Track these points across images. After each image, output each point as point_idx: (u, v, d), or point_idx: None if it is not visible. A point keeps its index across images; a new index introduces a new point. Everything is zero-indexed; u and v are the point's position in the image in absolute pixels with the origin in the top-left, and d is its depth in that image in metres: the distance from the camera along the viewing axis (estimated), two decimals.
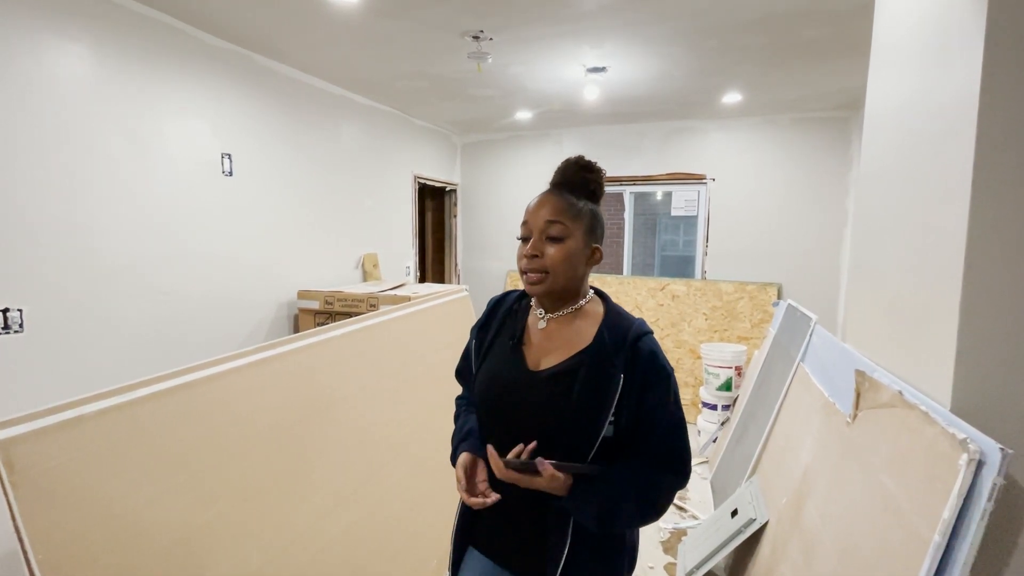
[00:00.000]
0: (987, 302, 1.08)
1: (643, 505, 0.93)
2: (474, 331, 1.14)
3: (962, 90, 1.15)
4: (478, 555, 1.08)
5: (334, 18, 2.43)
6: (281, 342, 1.88)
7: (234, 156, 2.82)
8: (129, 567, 1.23)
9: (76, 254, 2.11)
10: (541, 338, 1.02)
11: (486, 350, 1.07)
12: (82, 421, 1.22)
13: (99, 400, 1.28)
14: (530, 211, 0.99)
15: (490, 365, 1.05)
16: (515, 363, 1.01)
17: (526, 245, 0.98)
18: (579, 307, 1.02)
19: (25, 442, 1.10)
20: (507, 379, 1.01)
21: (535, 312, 1.06)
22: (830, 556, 1.45)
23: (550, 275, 0.96)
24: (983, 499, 0.92)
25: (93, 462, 1.22)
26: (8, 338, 1.90)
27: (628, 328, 0.98)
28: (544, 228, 0.97)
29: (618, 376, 0.93)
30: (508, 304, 1.11)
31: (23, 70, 1.93)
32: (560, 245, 0.96)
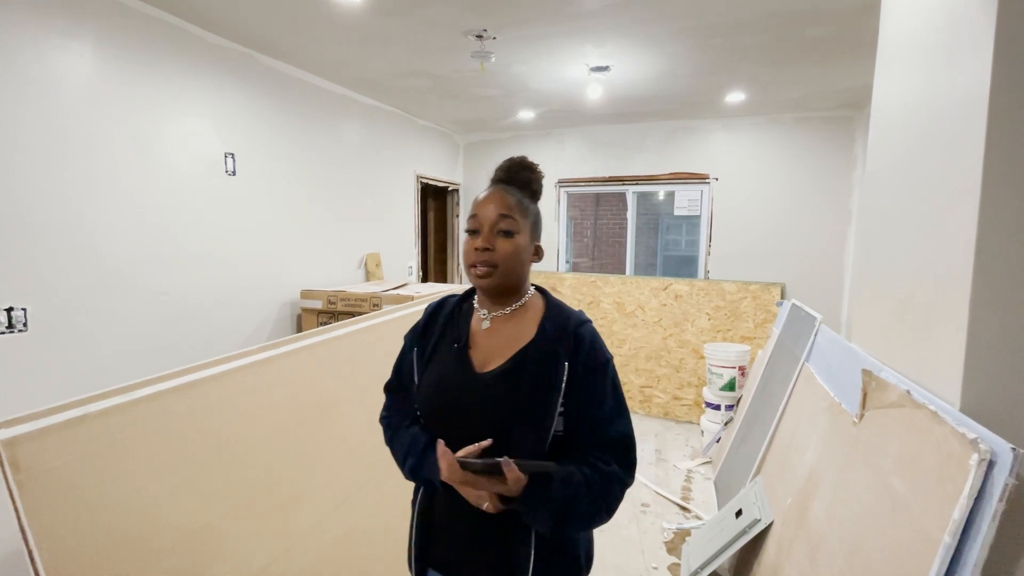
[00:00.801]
0: (998, 300, 1.07)
1: (596, 505, 0.91)
2: (412, 339, 1.09)
3: (972, 88, 1.14)
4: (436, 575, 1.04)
5: (337, 17, 2.43)
6: (283, 342, 1.88)
7: (237, 156, 2.81)
8: (133, 567, 1.22)
9: (79, 254, 2.11)
10: (486, 338, 1.01)
11: (428, 357, 1.04)
12: (86, 420, 1.22)
13: (103, 399, 1.27)
14: (480, 205, 0.99)
15: (435, 372, 1.01)
16: (461, 367, 0.99)
17: (475, 238, 0.98)
18: (522, 303, 1.03)
19: (30, 441, 1.10)
20: (454, 384, 0.98)
21: (478, 313, 1.05)
22: (837, 557, 1.44)
23: (499, 268, 0.96)
24: (994, 499, 0.92)
25: (97, 462, 1.22)
26: (12, 337, 1.90)
27: (569, 318, 1.00)
28: (495, 222, 0.97)
29: (563, 363, 0.93)
30: (448, 310, 1.08)
31: (26, 69, 1.93)
32: (510, 240, 0.97)
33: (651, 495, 3.10)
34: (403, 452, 1.02)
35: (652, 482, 3.25)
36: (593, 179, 5.00)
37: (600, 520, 0.93)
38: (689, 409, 4.35)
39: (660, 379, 4.46)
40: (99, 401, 1.27)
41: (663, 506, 2.98)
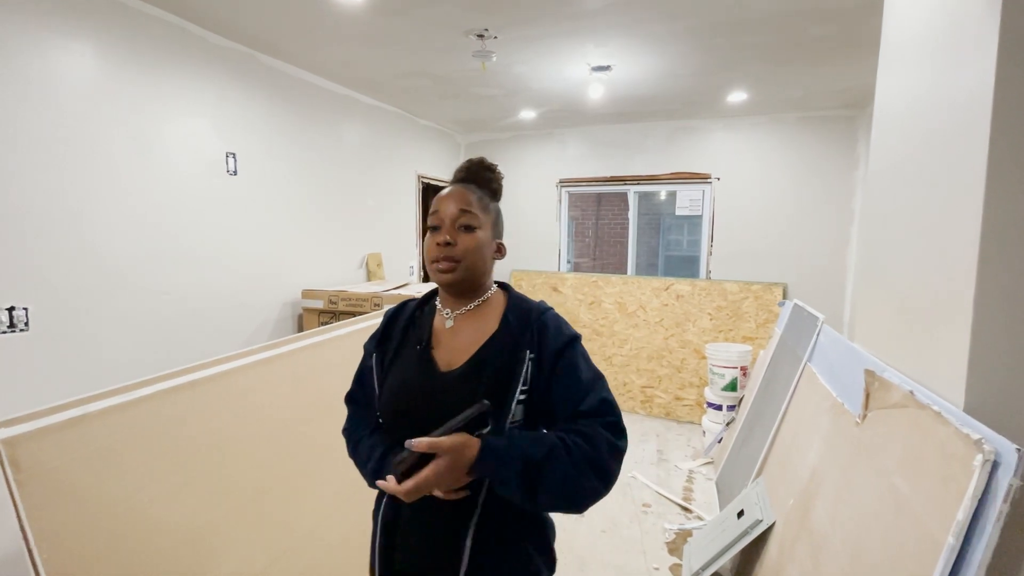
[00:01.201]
0: (1002, 300, 1.06)
1: (580, 467, 0.85)
2: (371, 346, 1.07)
3: (976, 87, 1.13)
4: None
5: (339, 17, 2.43)
6: (284, 341, 1.88)
7: (238, 156, 2.82)
8: (134, 567, 1.22)
9: (80, 254, 2.11)
10: (450, 337, 1.00)
11: (390, 363, 1.02)
12: (86, 420, 1.22)
13: (103, 399, 1.27)
14: (441, 201, 0.99)
15: (398, 375, 0.99)
16: (426, 368, 0.97)
17: (437, 234, 0.97)
18: (485, 299, 1.03)
19: (30, 440, 1.10)
20: (419, 385, 0.96)
21: (441, 313, 1.04)
22: (839, 558, 1.44)
23: (462, 263, 0.96)
24: (998, 500, 0.91)
25: (98, 461, 1.22)
26: (14, 336, 1.90)
27: (531, 308, 1.00)
28: (457, 217, 0.97)
29: (524, 352, 0.93)
30: (408, 314, 1.07)
31: (27, 68, 1.93)
32: (472, 235, 0.97)
33: (652, 495, 3.09)
34: (364, 461, 0.99)
35: (653, 482, 3.24)
36: (594, 179, 4.99)
37: (591, 486, 0.87)
38: (691, 409, 4.34)
39: (661, 379, 4.46)
40: (99, 401, 1.26)
41: (664, 506, 2.97)
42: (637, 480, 3.28)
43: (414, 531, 0.96)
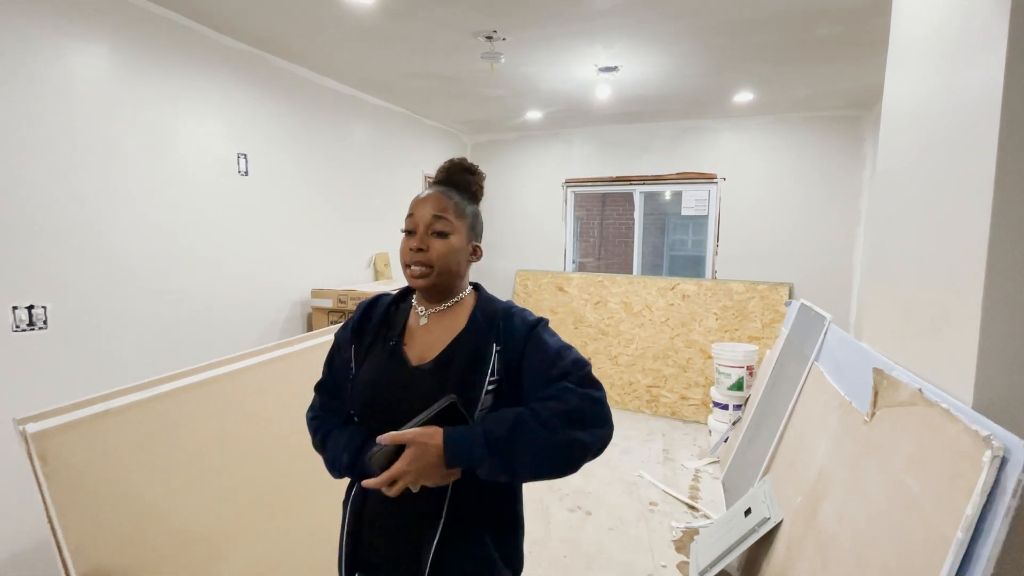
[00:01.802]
0: (1010, 298, 1.07)
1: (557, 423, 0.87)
2: (347, 336, 1.07)
3: (985, 88, 1.14)
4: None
5: (348, 19, 2.46)
6: (295, 340, 1.90)
7: (249, 156, 2.85)
8: (154, 558, 1.25)
9: (96, 253, 2.15)
10: (423, 334, 1.03)
11: (363, 356, 1.04)
12: (108, 416, 1.25)
13: (122, 396, 1.30)
14: (417, 206, 1.01)
15: (370, 370, 1.01)
16: (397, 363, 1.00)
17: (410, 239, 0.99)
18: (458, 300, 1.05)
19: (57, 435, 1.13)
20: (390, 380, 0.98)
21: (416, 311, 1.06)
22: (848, 555, 1.45)
23: (434, 269, 0.98)
24: (1007, 495, 0.92)
25: (117, 456, 1.25)
26: (34, 334, 1.93)
27: (499, 306, 1.04)
28: (430, 223, 0.99)
29: (491, 343, 0.97)
30: (382, 308, 1.08)
31: (44, 71, 1.96)
32: (444, 240, 0.99)
33: (659, 494, 3.11)
34: (338, 451, 1.00)
35: (660, 481, 3.25)
36: (600, 179, 5.01)
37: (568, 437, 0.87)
38: (696, 409, 4.35)
39: (667, 379, 4.47)
40: (118, 398, 1.29)
41: (671, 505, 2.98)
42: (644, 479, 3.29)
43: (380, 525, 0.99)
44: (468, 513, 0.95)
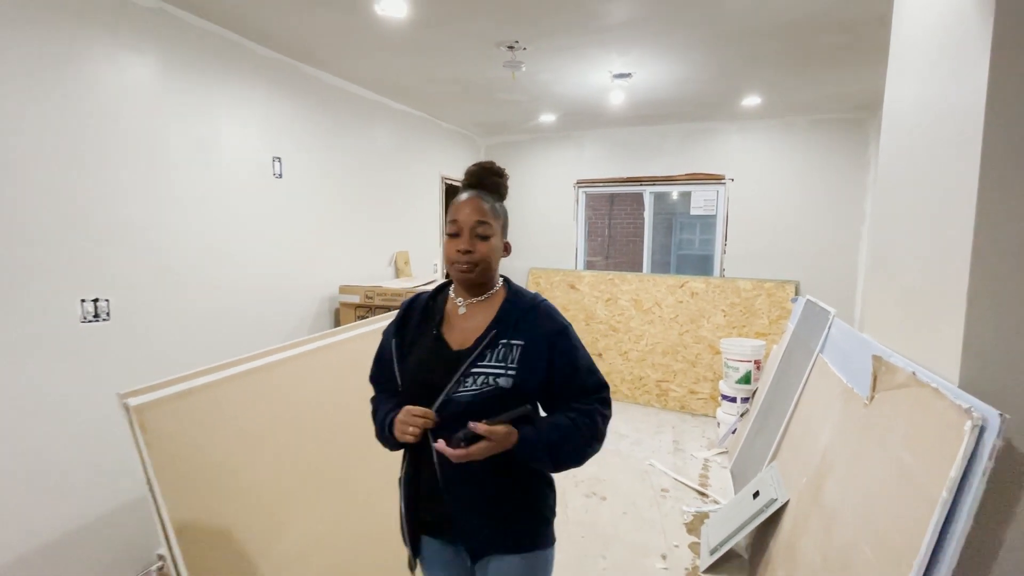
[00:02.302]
0: (991, 291, 1.22)
1: (586, 438, 1.11)
2: (391, 333, 1.23)
3: (970, 95, 1.28)
4: (429, 539, 1.21)
5: (383, 31, 2.61)
6: (338, 331, 2.06)
7: (283, 159, 3.01)
8: (228, 519, 1.41)
9: (149, 251, 2.31)
10: (462, 322, 1.18)
11: (410, 345, 1.19)
12: (190, 394, 1.41)
13: (201, 376, 1.46)
14: (461, 212, 1.15)
15: (418, 356, 1.17)
16: (440, 348, 1.15)
17: (456, 240, 1.14)
18: (493, 292, 1.21)
19: (153, 408, 1.29)
20: (435, 363, 1.13)
21: (455, 301, 1.21)
22: (849, 525, 1.59)
23: (479, 267, 1.14)
24: (984, 458, 1.07)
25: (200, 429, 1.41)
26: (98, 325, 2.11)
27: (526, 301, 1.18)
28: (474, 227, 1.14)
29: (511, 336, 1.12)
30: (422, 304, 1.24)
31: (102, 81, 2.12)
32: (486, 242, 1.15)
33: (670, 481, 3.25)
34: (381, 421, 1.18)
35: (671, 470, 3.40)
36: (611, 180, 5.15)
37: (592, 450, 1.13)
38: (705, 403, 4.49)
39: (676, 374, 4.61)
40: (198, 378, 1.46)
41: (682, 491, 3.13)
42: (655, 468, 3.44)
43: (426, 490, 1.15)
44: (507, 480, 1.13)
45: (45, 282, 1.95)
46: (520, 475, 1.14)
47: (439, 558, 1.21)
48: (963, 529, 1.09)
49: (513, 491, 1.14)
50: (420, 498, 1.17)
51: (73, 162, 2.03)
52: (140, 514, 2.30)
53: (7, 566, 1.87)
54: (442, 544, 1.19)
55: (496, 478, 1.11)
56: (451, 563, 1.20)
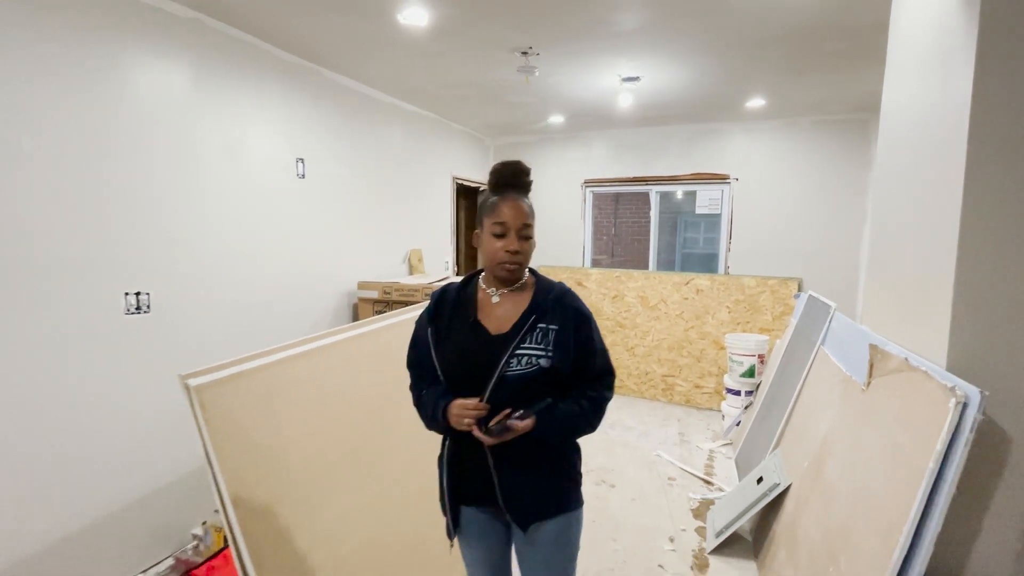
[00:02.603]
0: (975, 284, 1.33)
1: (592, 419, 1.27)
2: (426, 322, 1.33)
3: (956, 99, 1.39)
4: (468, 509, 1.34)
5: (403, 38, 2.74)
6: (371, 321, 2.19)
7: (306, 160, 3.15)
8: (277, 492, 1.54)
9: (185, 247, 2.45)
10: (496, 310, 1.29)
11: (446, 333, 1.29)
12: (242, 376, 1.54)
13: (252, 360, 1.59)
14: (507, 214, 1.25)
15: (457, 342, 1.27)
16: (479, 334, 1.26)
17: (503, 240, 1.25)
18: (523, 282, 1.33)
19: (211, 388, 1.42)
20: (475, 347, 1.24)
21: (486, 292, 1.32)
22: (846, 500, 1.71)
23: (521, 265, 1.27)
24: (966, 431, 1.19)
25: (252, 408, 1.54)
26: (140, 317, 2.24)
27: (551, 288, 1.32)
28: (520, 229, 1.25)
29: (545, 321, 1.25)
30: (452, 294, 1.34)
31: (146, 88, 2.25)
32: (529, 242, 1.28)
33: (676, 471, 3.37)
34: (430, 408, 1.28)
35: (677, 460, 3.51)
36: (618, 179, 5.27)
37: (593, 427, 1.29)
38: (710, 397, 4.60)
39: (682, 368, 4.72)
40: (248, 362, 1.59)
41: (688, 480, 3.25)
42: (662, 458, 3.55)
43: (468, 463, 1.28)
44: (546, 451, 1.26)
45: (94, 276, 2.09)
46: (555, 445, 1.28)
47: (476, 526, 1.35)
48: (947, 496, 1.21)
49: (551, 459, 1.28)
50: (462, 474, 1.30)
51: (116, 162, 2.16)
52: (176, 497, 2.43)
53: (55, 544, 2.01)
54: (480, 512, 1.33)
55: (538, 449, 1.24)
56: (488, 529, 1.35)
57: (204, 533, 2.33)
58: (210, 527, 2.33)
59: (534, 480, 1.26)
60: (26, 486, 1.92)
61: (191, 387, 1.38)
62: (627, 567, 2.40)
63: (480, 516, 1.34)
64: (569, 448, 1.33)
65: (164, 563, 2.37)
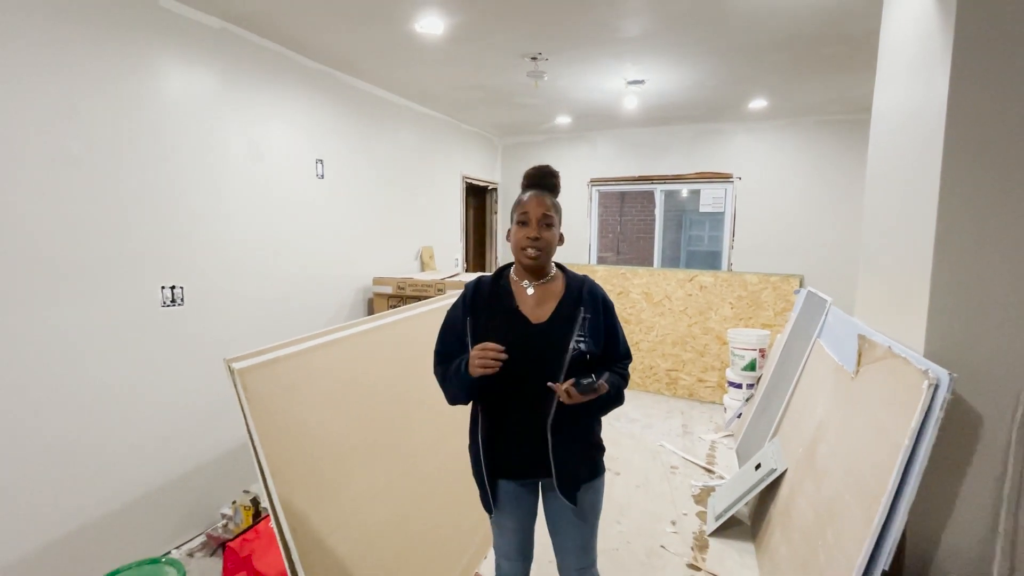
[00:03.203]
0: (950, 277, 1.46)
1: (621, 390, 1.44)
2: (461, 311, 1.45)
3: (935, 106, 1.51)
4: (503, 482, 1.48)
5: (419, 45, 2.87)
6: (385, 315, 2.33)
7: (325, 161, 3.29)
8: (307, 469, 1.69)
9: (214, 243, 2.60)
10: (531, 300, 1.43)
11: (485, 322, 1.40)
12: (278, 361, 1.68)
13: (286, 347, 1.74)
14: (530, 205, 1.39)
15: (499, 329, 1.37)
16: (521, 321, 1.39)
17: (525, 228, 1.39)
18: (552, 275, 1.47)
19: (252, 372, 1.57)
20: (519, 333, 1.37)
21: (520, 284, 1.45)
22: (836, 480, 1.84)
23: (543, 251, 1.40)
24: (937, 410, 1.31)
25: (288, 391, 1.69)
26: (175, 309, 2.39)
27: (583, 281, 1.48)
28: (541, 218, 1.38)
29: (579, 310, 1.40)
30: (487, 286, 1.47)
31: (178, 93, 2.40)
32: (550, 231, 1.40)
33: (679, 460, 3.50)
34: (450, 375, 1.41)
35: (680, 450, 3.64)
36: (623, 178, 5.39)
37: (623, 401, 1.46)
38: (712, 390, 4.72)
39: (685, 363, 4.84)
40: (283, 348, 1.73)
41: (690, 469, 3.38)
42: (665, 448, 3.68)
43: (510, 441, 1.42)
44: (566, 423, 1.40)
45: (134, 270, 2.24)
46: (592, 418, 1.46)
47: (511, 496, 1.50)
48: (920, 468, 1.33)
49: (590, 431, 1.46)
50: (505, 449, 1.43)
51: (152, 165, 2.31)
52: (206, 478, 2.59)
53: (96, 521, 2.17)
54: (515, 484, 1.49)
55: (585, 420, 1.42)
56: (520, 498, 1.51)
57: (233, 512, 2.48)
58: (239, 506, 2.48)
59: (580, 450, 1.43)
60: (74, 467, 2.08)
61: (235, 370, 1.53)
62: (631, 547, 2.53)
63: (514, 488, 1.49)
64: (598, 421, 1.50)
65: (196, 539, 2.53)
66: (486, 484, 1.47)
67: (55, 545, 2.03)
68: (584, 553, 1.52)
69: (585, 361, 1.36)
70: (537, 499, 1.55)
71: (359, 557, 1.77)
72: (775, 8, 2.39)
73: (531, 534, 1.58)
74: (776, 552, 2.18)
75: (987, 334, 1.42)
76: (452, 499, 2.33)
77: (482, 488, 1.49)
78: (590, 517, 1.50)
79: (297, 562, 1.52)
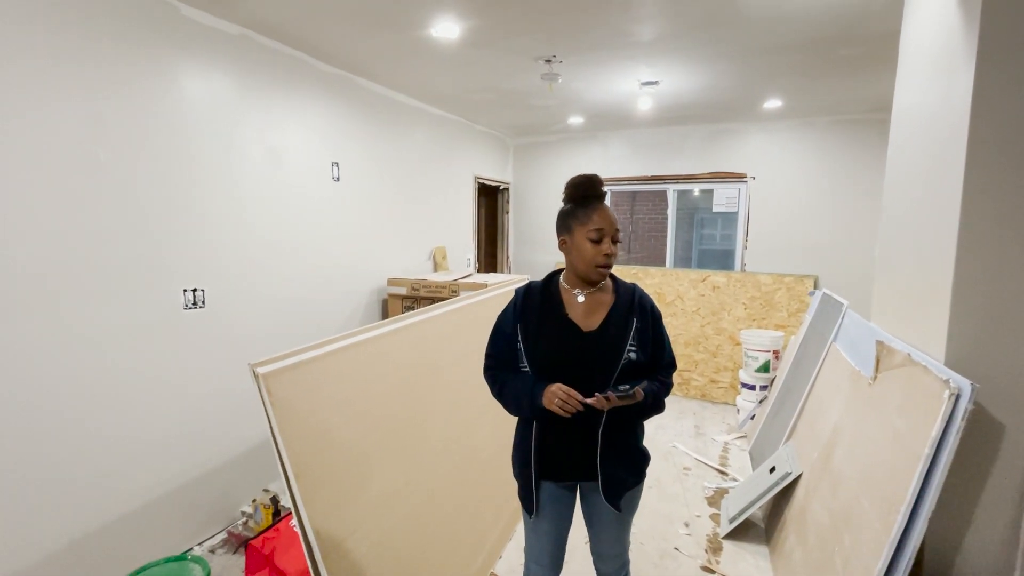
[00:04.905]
0: (973, 284, 1.45)
1: (661, 400, 1.45)
2: (511, 317, 1.50)
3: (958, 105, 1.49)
4: (546, 484, 1.51)
5: (435, 49, 2.89)
6: (401, 318, 2.36)
7: (340, 164, 3.33)
8: (331, 467, 1.72)
9: (234, 246, 2.64)
10: (583, 307, 1.45)
11: (536, 328, 1.44)
12: (300, 365, 1.71)
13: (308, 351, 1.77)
14: (604, 221, 1.41)
15: (550, 336, 1.42)
16: (572, 329, 1.42)
17: (599, 245, 1.40)
18: (603, 284, 1.49)
19: (276, 376, 1.60)
20: (570, 341, 1.41)
21: (571, 292, 1.48)
22: (852, 485, 1.84)
23: (611, 266, 1.44)
24: (959, 419, 1.31)
25: (310, 393, 1.72)
26: (197, 311, 2.44)
27: (633, 290, 1.51)
28: (613, 234, 1.42)
29: (632, 318, 1.43)
30: (537, 294, 1.50)
31: (198, 97, 2.44)
32: (617, 246, 1.44)
33: (692, 461, 3.50)
34: (518, 392, 1.43)
35: (692, 451, 3.64)
36: (635, 178, 5.37)
37: (663, 409, 1.48)
38: (725, 391, 4.70)
39: (698, 364, 4.83)
40: (305, 352, 1.76)
41: (703, 470, 3.38)
42: (678, 449, 3.69)
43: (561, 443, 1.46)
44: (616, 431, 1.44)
45: (159, 274, 2.29)
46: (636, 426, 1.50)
47: (552, 498, 1.54)
48: (941, 477, 1.33)
49: (635, 438, 1.50)
50: (555, 455, 1.47)
51: (171, 167, 2.35)
52: (227, 477, 2.65)
53: (124, 517, 2.23)
54: (557, 487, 1.53)
55: (630, 427, 1.47)
56: (560, 500, 1.54)
57: (254, 510, 2.53)
58: (259, 504, 2.53)
59: (626, 456, 1.47)
60: (103, 465, 2.14)
61: (259, 374, 1.56)
62: (644, 548, 2.55)
63: (555, 489, 1.53)
64: (641, 427, 1.54)
65: (217, 536, 2.58)
66: (532, 485, 1.51)
67: (84, 541, 2.09)
68: (619, 544, 1.60)
69: (634, 370, 1.39)
70: (575, 501, 1.59)
71: (377, 557, 1.80)
72: (791, 12, 2.37)
73: (565, 542, 1.61)
74: (791, 556, 2.18)
75: (1009, 341, 1.41)
76: (467, 499, 2.36)
77: (527, 489, 1.53)
78: (627, 520, 1.57)
79: (320, 562, 1.56)
